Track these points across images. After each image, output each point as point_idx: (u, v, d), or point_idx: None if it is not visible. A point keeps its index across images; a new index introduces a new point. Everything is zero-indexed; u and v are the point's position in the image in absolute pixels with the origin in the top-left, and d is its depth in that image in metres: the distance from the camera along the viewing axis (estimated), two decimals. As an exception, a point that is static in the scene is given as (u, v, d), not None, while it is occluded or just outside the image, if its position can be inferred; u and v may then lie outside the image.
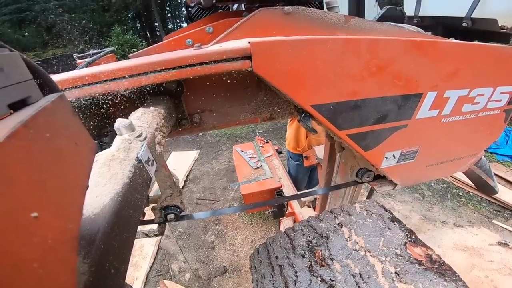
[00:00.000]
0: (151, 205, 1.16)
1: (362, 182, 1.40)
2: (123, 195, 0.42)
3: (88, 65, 1.27)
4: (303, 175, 3.72)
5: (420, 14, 1.73)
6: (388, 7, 1.37)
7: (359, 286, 0.83)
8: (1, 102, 0.28)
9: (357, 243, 0.96)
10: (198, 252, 3.78)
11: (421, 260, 0.86)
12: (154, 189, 1.18)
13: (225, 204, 4.68)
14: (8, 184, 0.22)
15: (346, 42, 0.82)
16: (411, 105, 1.02)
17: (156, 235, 1.21)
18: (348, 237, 0.99)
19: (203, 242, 3.94)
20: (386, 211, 1.10)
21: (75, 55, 1.50)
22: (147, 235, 1.18)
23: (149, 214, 1.13)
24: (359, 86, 0.91)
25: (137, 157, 0.52)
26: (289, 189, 3.22)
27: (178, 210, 1.22)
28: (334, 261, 0.93)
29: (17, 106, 0.30)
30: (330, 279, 0.89)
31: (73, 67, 1.28)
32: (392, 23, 1.10)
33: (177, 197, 1.21)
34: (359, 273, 0.86)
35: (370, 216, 1.06)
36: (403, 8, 1.64)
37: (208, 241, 3.95)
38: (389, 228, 0.98)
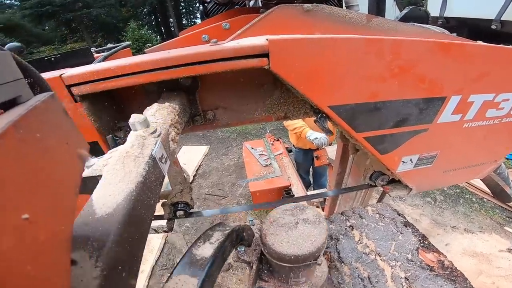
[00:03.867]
0: (161, 201, 1.16)
1: (375, 186, 1.37)
2: (136, 194, 0.41)
3: (105, 59, 1.27)
4: (303, 159, 3.77)
5: (445, 15, 1.66)
6: (411, 7, 1.32)
7: None
8: None
9: (368, 246, 0.94)
10: (204, 247, 3.79)
11: (433, 266, 0.84)
12: (164, 184, 1.18)
13: (233, 200, 4.67)
14: None
15: (368, 42, 0.79)
16: (433, 108, 0.98)
17: (165, 231, 1.21)
18: (359, 240, 0.98)
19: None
20: (399, 215, 1.07)
21: (93, 49, 1.52)
22: (156, 231, 1.18)
23: (157, 209, 1.13)
24: (379, 87, 0.87)
25: (151, 155, 0.51)
26: (298, 188, 3.18)
27: (188, 206, 1.22)
28: (343, 264, 0.92)
29: (7, 105, 0.29)
30: (338, 281, 0.88)
31: (90, 61, 1.30)
32: (416, 24, 1.06)
33: (187, 194, 1.20)
34: (368, 277, 0.85)
35: (382, 220, 1.04)
36: (426, 8, 1.58)
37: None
38: (401, 233, 0.97)
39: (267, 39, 0.76)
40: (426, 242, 0.93)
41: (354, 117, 0.92)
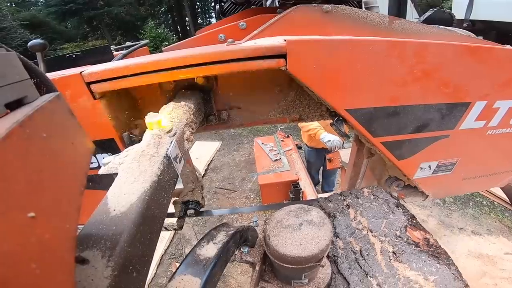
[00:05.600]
0: (172, 199, 1.17)
1: (390, 191, 1.33)
2: (150, 194, 0.41)
3: (124, 57, 1.29)
4: (315, 159, 3.73)
5: (471, 18, 1.60)
6: (435, 9, 1.27)
7: (358, 262, 0.89)
8: None
9: (361, 223, 1.00)
10: (211, 238, 3.83)
11: (418, 243, 0.91)
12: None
13: (242, 194, 4.70)
14: (4, 184, 0.22)
15: (390, 45, 0.77)
16: (456, 114, 0.94)
17: (175, 229, 1.22)
18: (354, 217, 1.04)
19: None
20: (393, 197, 1.12)
21: (112, 47, 1.55)
22: (166, 228, 1.19)
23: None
24: (400, 91, 0.85)
25: (166, 154, 0.51)
26: (305, 183, 3.20)
27: (199, 205, 1.22)
28: (338, 238, 0.98)
29: (13, 105, 0.30)
30: (333, 254, 0.94)
31: (110, 58, 1.32)
32: (440, 26, 1.02)
33: (198, 193, 1.20)
34: (359, 250, 0.92)
35: (376, 200, 1.10)
36: (451, 10, 1.52)
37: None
38: (392, 212, 1.02)
39: (285, 40, 0.75)
40: (414, 221, 0.99)
41: (372, 121, 0.89)
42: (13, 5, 19.18)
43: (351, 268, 0.89)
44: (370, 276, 0.85)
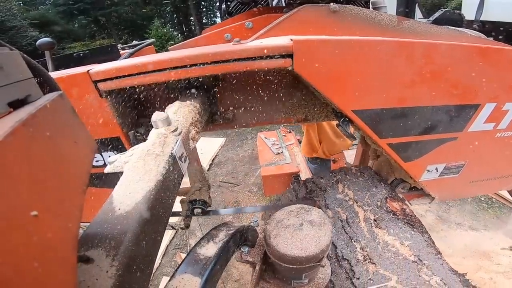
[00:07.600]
0: (180, 198, 1.17)
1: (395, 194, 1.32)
2: (155, 193, 0.41)
3: (130, 56, 1.30)
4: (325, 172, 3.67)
5: (481, 18, 1.57)
6: (444, 9, 1.26)
7: (344, 229, 1.00)
8: (0, 101, 0.28)
9: (348, 195, 1.12)
10: (215, 230, 3.86)
11: (396, 212, 1.02)
12: (184, 181, 1.18)
13: (245, 188, 4.75)
14: (7, 182, 0.22)
15: (399, 45, 0.76)
16: (465, 116, 0.93)
17: (181, 228, 1.22)
18: (342, 190, 1.15)
19: (221, 221, 3.97)
20: (377, 175, 1.23)
21: (119, 46, 1.56)
22: (173, 227, 1.19)
23: (176, 205, 1.14)
24: (408, 93, 0.83)
25: (171, 153, 0.51)
26: (306, 175, 3.26)
27: (205, 204, 1.23)
28: (328, 209, 1.10)
29: (16, 104, 0.30)
30: None
31: (117, 57, 1.33)
32: (450, 27, 1.00)
33: (205, 192, 1.21)
34: (346, 219, 1.03)
35: (362, 176, 1.22)
36: (460, 11, 1.49)
37: (225, 220, 4.00)
38: (375, 186, 1.14)
39: (291, 39, 0.74)
40: (393, 194, 1.10)
41: (379, 122, 0.88)
42: (22, 4, 19.45)
43: (338, 234, 0.99)
44: (354, 241, 0.96)
